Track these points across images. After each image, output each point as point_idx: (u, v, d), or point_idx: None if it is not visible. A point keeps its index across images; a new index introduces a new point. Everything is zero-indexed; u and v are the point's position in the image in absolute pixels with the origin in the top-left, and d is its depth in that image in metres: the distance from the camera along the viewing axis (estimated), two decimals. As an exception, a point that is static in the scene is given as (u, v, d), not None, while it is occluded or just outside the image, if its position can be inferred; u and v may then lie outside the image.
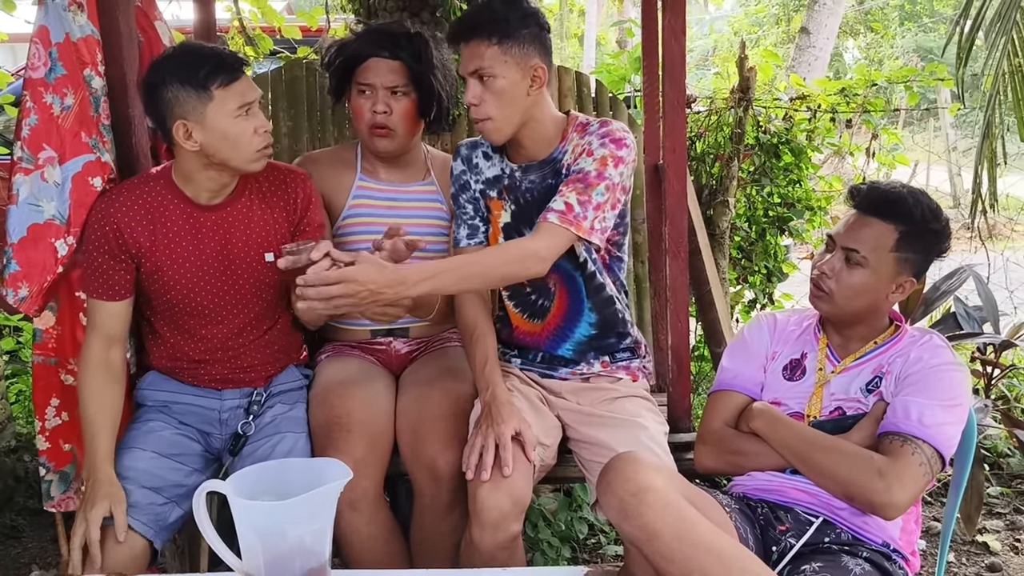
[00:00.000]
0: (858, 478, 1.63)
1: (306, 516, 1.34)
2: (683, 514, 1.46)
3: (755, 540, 1.70)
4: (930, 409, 1.65)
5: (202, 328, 1.99)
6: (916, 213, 1.71)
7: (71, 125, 1.95)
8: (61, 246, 1.93)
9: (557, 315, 2.09)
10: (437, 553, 1.94)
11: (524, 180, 2.01)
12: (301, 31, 4.21)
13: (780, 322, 1.96)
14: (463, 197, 2.09)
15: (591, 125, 1.99)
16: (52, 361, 2.03)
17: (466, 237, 2.08)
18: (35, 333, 2.03)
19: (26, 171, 1.93)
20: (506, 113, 1.89)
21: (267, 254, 1.98)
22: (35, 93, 1.94)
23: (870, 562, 1.63)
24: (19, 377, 3.85)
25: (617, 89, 4.08)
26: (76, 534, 1.73)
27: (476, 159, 2.08)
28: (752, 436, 1.82)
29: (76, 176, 1.93)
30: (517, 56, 1.86)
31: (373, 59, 2.13)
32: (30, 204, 1.93)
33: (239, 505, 1.33)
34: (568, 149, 1.98)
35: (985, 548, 2.87)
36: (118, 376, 1.93)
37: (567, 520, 2.87)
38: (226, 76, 1.81)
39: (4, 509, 3.01)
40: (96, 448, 1.83)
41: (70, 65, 1.96)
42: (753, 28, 14.90)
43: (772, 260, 3.67)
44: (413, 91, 2.14)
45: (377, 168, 2.26)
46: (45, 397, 2.03)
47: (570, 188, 1.89)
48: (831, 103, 3.63)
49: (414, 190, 2.27)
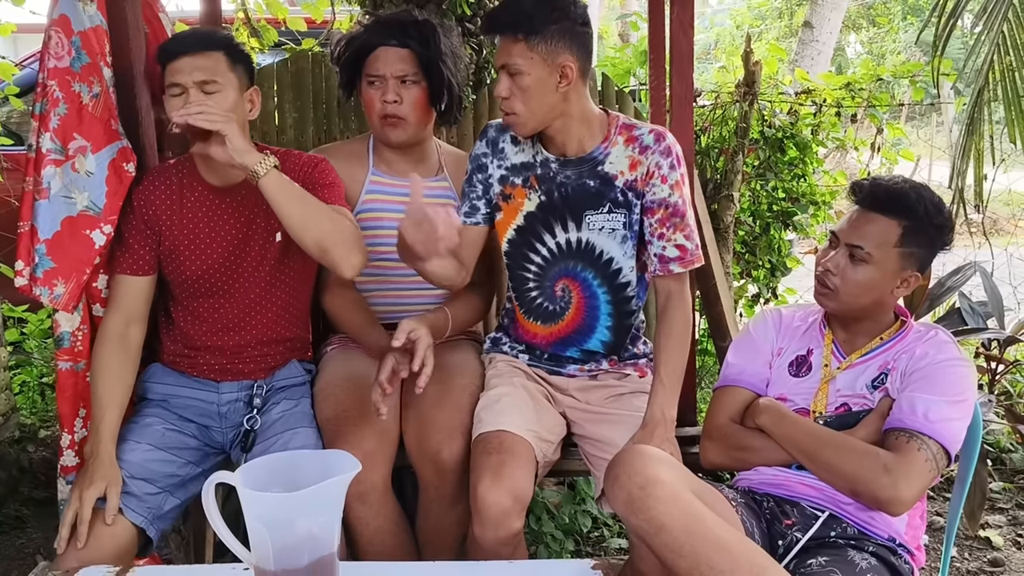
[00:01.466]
0: (864, 474, 1.63)
1: (316, 507, 1.34)
2: (691, 508, 1.46)
3: (761, 534, 1.70)
4: (936, 405, 1.65)
5: (211, 310, 2.01)
6: (919, 208, 1.71)
7: (101, 113, 1.95)
8: (98, 236, 1.92)
9: (569, 324, 2.09)
10: (443, 545, 1.95)
11: (560, 173, 1.99)
12: (306, 23, 4.20)
13: (786, 318, 1.96)
14: (476, 176, 2.07)
15: (641, 133, 1.98)
16: (80, 366, 1.97)
17: (464, 214, 2.06)
18: (61, 337, 1.95)
19: (57, 162, 1.89)
20: (532, 109, 1.88)
21: (277, 233, 1.98)
22: (63, 82, 1.90)
23: (876, 556, 1.63)
24: (22, 368, 3.86)
25: (622, 83, 4.07)
26: (69, 510, 1.73)
27: (503, 143, 2.05)
28: (758, 432, 1.82)
29: (112, 163, 1.93)
30: (543, 53, 1.84)
31: (382, 48, 2.12)
32: (63, 197, 1.89)
33: (248, 496, 1.33)
34: (612, 152, 1.97)
35: (988, 543, 2.87)
36: (133, 355, 1.94)
37: (571, 513, 2.88)
38: (167, 55, 1.89)
39: (9, 500, 3.02)
40: (102, 425, 1.83)
41: (92, 54, 1.95)
42: (756, 22, 14.86)
43: (776, 255, 3.67)
44: (423, 79, 2.13)
45: (390, 162, 2.24)
46: (72, 408, 1.96)
47: (670, 229, 1.96)
48: (836, 98, 3.62)
49: (427, 186, 2.21)
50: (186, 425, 1.99)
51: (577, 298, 2.06)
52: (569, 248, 2.02)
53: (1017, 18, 2.99)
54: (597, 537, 2.92)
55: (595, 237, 2.00)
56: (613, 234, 2.00)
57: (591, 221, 1.99)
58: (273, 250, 2.00)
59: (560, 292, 2.06)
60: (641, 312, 2.16)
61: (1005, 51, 3.02)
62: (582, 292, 2.05)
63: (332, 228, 1.81)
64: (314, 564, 1.35)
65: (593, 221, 1.99)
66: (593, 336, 2.09)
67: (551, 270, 2.05)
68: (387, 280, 2.18)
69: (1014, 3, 2.98)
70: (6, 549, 2.81)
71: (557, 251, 2.03)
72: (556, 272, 2.05)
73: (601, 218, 1.99)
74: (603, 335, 2.09)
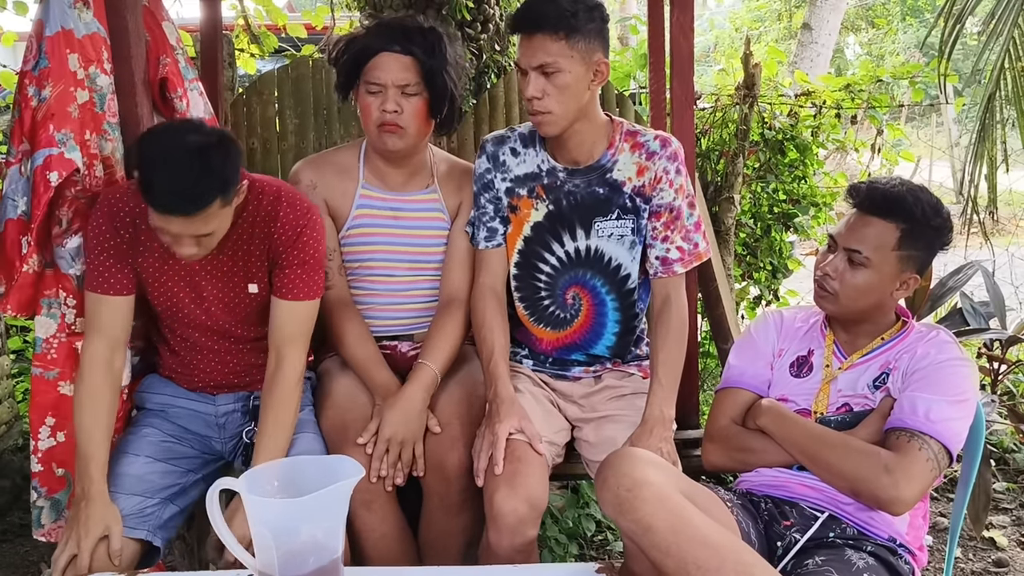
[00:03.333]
0: (865, 474, 1.64)
1: (319, 513, 1.35)
2: (678, 508, 1.47)
3: (758, 535, 1.71)
4: (937, 405, 1.65)
5: (198, 337, 1.96)
6: (916, 211, 1.71)
7: (41, 118, 1.87)
8: (24, 243, 1.86)
9: (578, 331, 2.09)
10: (447, 552, 1.95)
11: (569, 182, 2.00)
12: (306, 29, 4.22)
13: (787, 319, 1.96)
14: (484, 197, 2.06)
15: (647, 139, 1.99)
16: (51, 374, 1.93)
17: (484, 239, 2.07)
18: (35, 343, 1.93)
19: (9, 164, 1.89)
20: (567, 108, 1.88)
21: (250, 285, 1.90)
22: (21, 86, 1.91)
23: (875, 556, 1.64)
24: (25, 376, 3.86)
25: (622, 86, 4.07)
26: (63, 555, 1.66)
27: (503, 156, 2.04)
28: (759, 433, 1.83)
29: (37, 169, 1.85)
30: (583, 51, 1.84)
31: (384, 54, 2.00)
32: (9, 198, 1.88)
33: (253, 503, 1.33)
34: (619, 159, 1.98)
35: (992, 544, 2.87)
36: (116, 384, 1.84)
37: (575, 517, 2.88)
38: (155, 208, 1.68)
39: (13, 507, 3.03)
40: (91, 464, 1.74)
41: (56, 58, 1.88)
42: (755, 24, 14.87)
43: (777, 256, 3.67)
44: (425, 90, 2.02)
45: (380, 174, 2.15)
46: (40, 415, 1.93)
47: (673, 231, 2.01)
48: (836, 99, 3.63)
49: (417, 199, 2.16)
50: (185, 435, 1.98)
51: (587, 306, 2.07)
52: (578, 256, 2.03)
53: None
54: (601, 541, 2.92)
55: (604, 244, 2.01)
56: (622, 240, 2.01)
57: (601, 228, 2.00)
58: (248, 299, 1.92)
59: (571, 300, 2.07)
60: (643, 314, 2.16)
61: (1017, 56, 3.01)
62: (591, 300, 2.07)
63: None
64: (318, 570, 1.35)
65: (603, 228, 2.00)
66: (600, 342, 2.11)
67: (561, 278, 2.05)
68: (377, 295, 2.14)
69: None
70: (10, 557, 2.81)
71: (567, 259, 2.04)
72: (567, 280, 2.06)
73: (610, 225, 2.00)
74: (609, 340, 2.10)
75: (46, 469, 1.96)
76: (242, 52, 3.91)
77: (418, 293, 2.16)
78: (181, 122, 1.80)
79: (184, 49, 2.30)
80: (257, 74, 3.90)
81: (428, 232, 2.16)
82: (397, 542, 1.92)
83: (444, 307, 2.12)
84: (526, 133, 2.05)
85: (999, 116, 3.14)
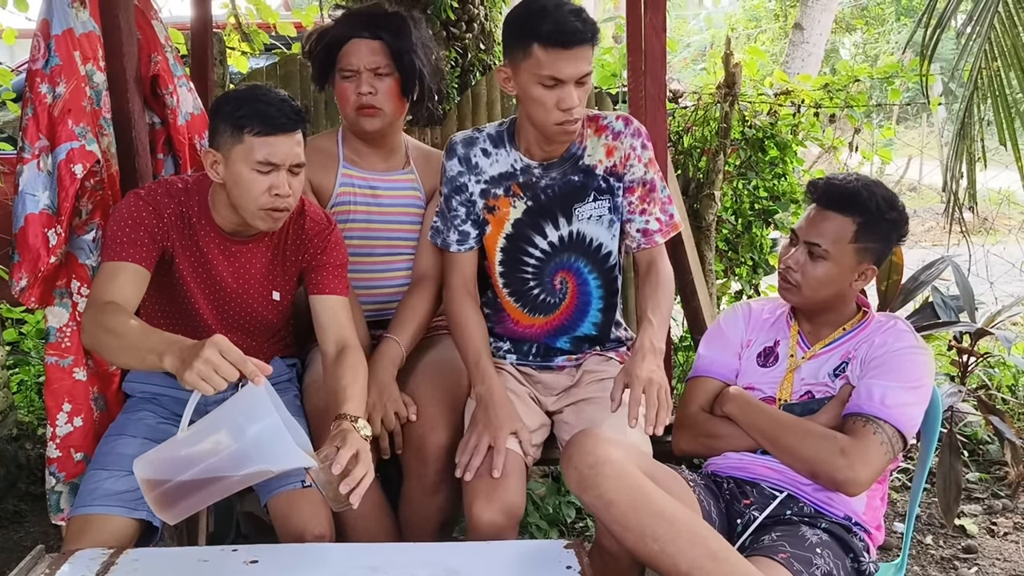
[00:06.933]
0: (822, 456, 1.71)
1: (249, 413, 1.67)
2: (637, 484, 1.56)
3: (719, 514, 1.79)
4: (892, 391, 1.73)
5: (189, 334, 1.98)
6: (871, 205, 1.79)
7: (59, 113, 1.95)
8: (52, 236, 1.93)
9: (565, 313, 2.14)
10: (425, 530, 2.01)
11: (545, 176, 2.05)
12: (295, 27, 4.28)
13: (755, 311, 2.04)
14: (456, 199, 2.07)
15: (608, 121, 2.06)
16: (66, 362, 1.99)
17: (456, 243, 2.08)
18: (48, 332, 1.99)
19: (25, 161, 1.95)
20: (583, 107, 1.93)
21: (274, 292, 2.01)
22: (33, 84, 1.97)
23: (828, 532, 1.71)
24: (20, 367, 3.92)
25: (608, 84, 4.12)
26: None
27: (475, 158, 2.06)
28: (725, 419, 1.90)
29: (61, 163, 1.93)
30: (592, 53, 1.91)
31: (354, 41, 2.15)
32: (28, 194, 1.94)
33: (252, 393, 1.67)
34: (587, 145, 2.04)
35: (962, 531, 2.93)
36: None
37: (555, 504, 2.95)
38: (264, 127, 1.79)
39: (7, 495, 3.08)
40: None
41: (66, 55, 1.96)
42: (751, 23, 14.91)
43: (758, 252, 3.73)
44: (395, 71, 2.17)
45: (359, 156, 2.28)
46: (57, 402, 1.98)
47: (650, 204, 2.08)
48: (815, 99, 3.69)
49: (394, 179, 2.30)
50: (179, 418, 2.03)
51: (572, 287, 2.12)
52: (563, 243, 2.08)
53: (1002, 24, 3.05)
54: (582, 527, 2.98)
55: (585, 227, 2.07)
56: (601, 220, 2.07)
57: (580, 212, 2.06)
58: (271, 305, 2.02)
59: (559, 285, 2.12)
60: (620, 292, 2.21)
61: (992, 57, 3.07)
62: (576, 281, 2.11)
63: None
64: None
65: (582, 212, 2.06)
66: (586, 320, 2.15)
67: (548, 266, 2.10)
68: (355, 275, 2.20)
69: (999, 11, 3.04)
70: (4, 543, 2.86)
71: (551, 249, 2.09)
72: (553, 267, 2.10)
73: (588, 207, 2.06)
74: (595, 317, 2.15)
75: (64, 455, 2.00)
76: (232, 51, 3.96)
77: (393, 275, 2.25)
78: None
79: (173, 46, 2.36)
80: (248, 71, 3.95)
81: (404, 210, 2.27)
82: (377, 521, 1.98)
83: (414, 284, 2.21)
84: (494, 133, 2.08)
85: (976, 115, 3.20)
